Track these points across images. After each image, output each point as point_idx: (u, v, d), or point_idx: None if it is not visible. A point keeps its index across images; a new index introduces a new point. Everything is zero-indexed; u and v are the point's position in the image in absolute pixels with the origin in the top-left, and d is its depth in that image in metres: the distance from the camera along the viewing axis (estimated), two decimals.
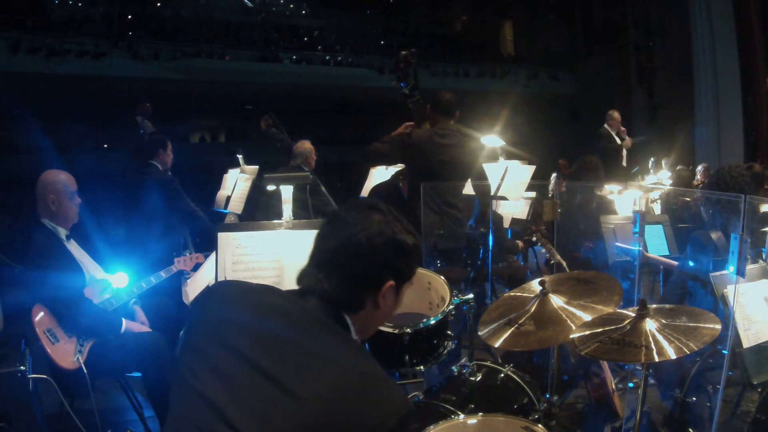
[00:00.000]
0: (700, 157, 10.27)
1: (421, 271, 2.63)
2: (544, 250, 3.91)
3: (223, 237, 2.38)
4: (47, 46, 11.71)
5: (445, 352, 2.32)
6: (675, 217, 4.44)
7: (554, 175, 6.97)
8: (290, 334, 1.12)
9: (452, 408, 2.05)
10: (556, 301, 2.01)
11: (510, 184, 3.64)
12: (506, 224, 4.90)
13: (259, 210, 4.18)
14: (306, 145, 4.97)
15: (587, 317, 1.89)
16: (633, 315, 1.73)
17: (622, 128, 7.44)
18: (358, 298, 1.25)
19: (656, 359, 1.56)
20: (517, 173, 3.69)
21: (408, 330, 2.21)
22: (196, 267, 3.08)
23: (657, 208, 4.86)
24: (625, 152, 7.45)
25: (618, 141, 7.34)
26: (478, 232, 3.91)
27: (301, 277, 1.28)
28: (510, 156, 4.44)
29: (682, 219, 4.50)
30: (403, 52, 3.59)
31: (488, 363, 2.44)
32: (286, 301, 1.20)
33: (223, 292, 1.29)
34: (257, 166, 4.64)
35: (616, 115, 7.40)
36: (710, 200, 3.06)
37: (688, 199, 4.88)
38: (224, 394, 1.06)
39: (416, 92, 3.64)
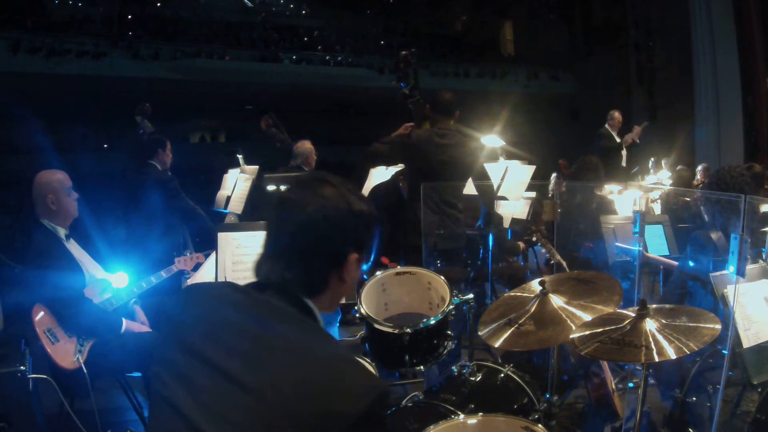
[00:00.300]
0: (700, 157, 10.27)
1: (421, 271, 2.64)
2: (544, 250, 3.91)
3: (223, 237, 2.38)
4: (47, 46, 11.72)
5: (445, 352, 2.32)
6: (675, 217, 4.45)
7: (554, 175, 6.98)
8: (252, 332, 1.09)
9: (452, 408, 2.05)
10: (556, 301, 2.02)
11: (510, 184, 3.65)
12: (506, 224, 4.90)
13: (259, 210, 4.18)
14: (306, 145, 4.98)
15: (587, 317, 1.90)
16: (633, 315, 1.73)
17: (636, 126, 7.43)
18: (323, 280, 1.20)
19: (656, 359, 1.57)
20: (517, 173, 3.69)
21: (408, 330, 2.21)
22: (197, 267, 3.08)
23: (657, 208, 4.87)
24: (625, 152, 7.45)
25: (617, 139, 7.33)
26: (485, 232, 3.91)
27: (259, 269, 1.21)
28: (510, 156, 4.45)
29: (682, 219, 4.51)
30: (403, 52, 3.59)
31: (488, 363, 2.44)
32: (247, 298, 1.16)
33: (186, 297, 1.25)
34: (257, 166, 4.64)
35: (617, 115, 7.39)
36: (710, 200, 3.06)
37: (688, 199, 4.88)
38: (190, 401, 1.04)
39: (416, 92, 3.64)
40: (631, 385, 2.93)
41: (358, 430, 1.01)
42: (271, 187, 2.76)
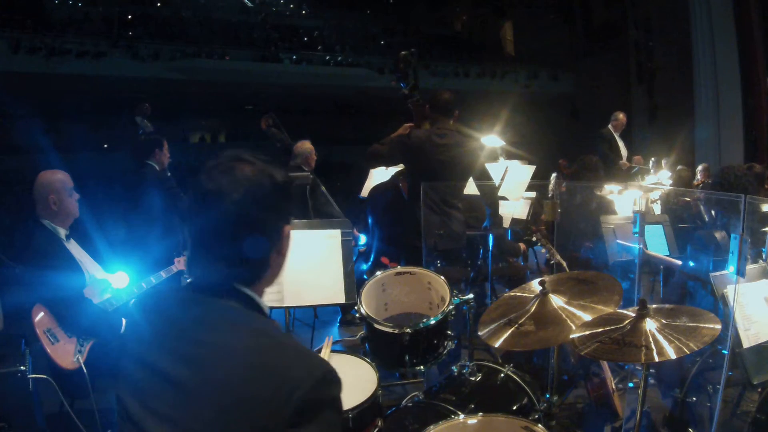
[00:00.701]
0: (700, 157, 10.27)
1: (421, 271, 2.64)
2: (544, 250, 3.91)
3: None
4: (47, 46, 11.73)
5: (445, 352, 2.32)
6: (675, 217, 4.45)
7: (554, 175, 6.96)
8: (197, 336, 1.08)
9: (452, 408, 2.05)
10: (556, 301, 2.01)
11: (510, 184, 3.64)
12: (506, 224, 4.89)
13: None
14: (306, 145, 4.98)
15: (587, 317, 1.89)
16: (633, 315, 1.73)
17: (637, 158, 7.40)
18: (264, 263, 1.15)
19: (656, 359, 1.56)
20: (517, 173, 3.68)
21: (408, 330, 2.21)
22: None
23: (657, 209, 4.86)
24: (624, 152, 7.44)
25: (622, 152, 7.29)
26: (486, 232, 3.91)
27: (193, 269, 1.15)
28: (510, 156, 4.44)
29: (682, 219, 4.51)
30: (403, 53, 3.59)
31: (488, 363, 2.44)
32: (191, 302, 1.14)
33: (135, 309, 1.25)
34: None
35: (621, 116, 7.33)
36: (711, 200, 3.07)
37: (688, 199, 4.89)
38: (144, 413, 1.06)
39: (416, 92, 3.65)
40: (631, 385, 2.93)
41: (305, 414, 1.00)
42: None
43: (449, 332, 2.35)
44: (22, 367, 2.47)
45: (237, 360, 1.03)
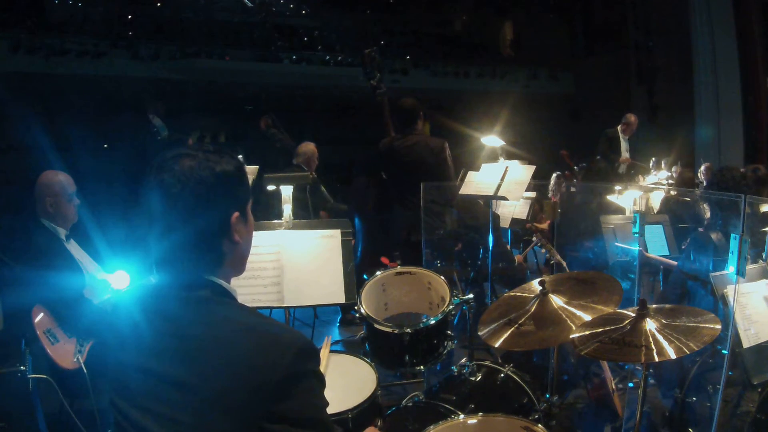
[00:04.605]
0: (700, 157, 10.27)
1: (421, 271, 2.64)
2: (544, 250, 3.92)
3: None
4: (47, 46, 11.72)
5: (445, 352, 2.33)
6: (675, 217, 4.45)
7: (555, 174, 6.97)
8: (176, 330, 1.10)
9: (452, 408, 2.05)
10: (556, 301, 2.02)
11: (510, 184, 3.64)
12: (506, 224, 4.90)
13: (259, 210, 4.20)
14: (309, 147, 5.00)
15: (587, 317, 1.90)
16: (633, 315, 1.73)
17: (623, 159, 7.33)
18: (218, 252, 1.18)
19: (656, 359, 1.57)
20: (517, 173, 3.69)
21: (408, 330, 2.21)
22: None
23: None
24: (628, 154, 7.41)
25: (624, 154, 7.24)
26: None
27: (156, 266, 1.18)
28: (510, 156, 4.46)
29: (682, 219, 4.51)
30: (366, 51, 3.79)
31: (488, 363, 2.44)
32: (163, 298, 1.16)
33: (116, 316, 1.26)
34: (257, 166, 4.65)
35: (633, 119, 7.20)
36: (711, 200, 3.06)
37: (687, 199, 4.89)
38: (142, 416, 1.08)
39: (382, 86, 3.87)
40: (631, 385, 2.94)
41: (287, 388, 1.04)
42: (271, 187, 2.76)
43: (449, 332, 2.35)
44: (22, 367, 2.46)
45: (221, 349, 1.06)
